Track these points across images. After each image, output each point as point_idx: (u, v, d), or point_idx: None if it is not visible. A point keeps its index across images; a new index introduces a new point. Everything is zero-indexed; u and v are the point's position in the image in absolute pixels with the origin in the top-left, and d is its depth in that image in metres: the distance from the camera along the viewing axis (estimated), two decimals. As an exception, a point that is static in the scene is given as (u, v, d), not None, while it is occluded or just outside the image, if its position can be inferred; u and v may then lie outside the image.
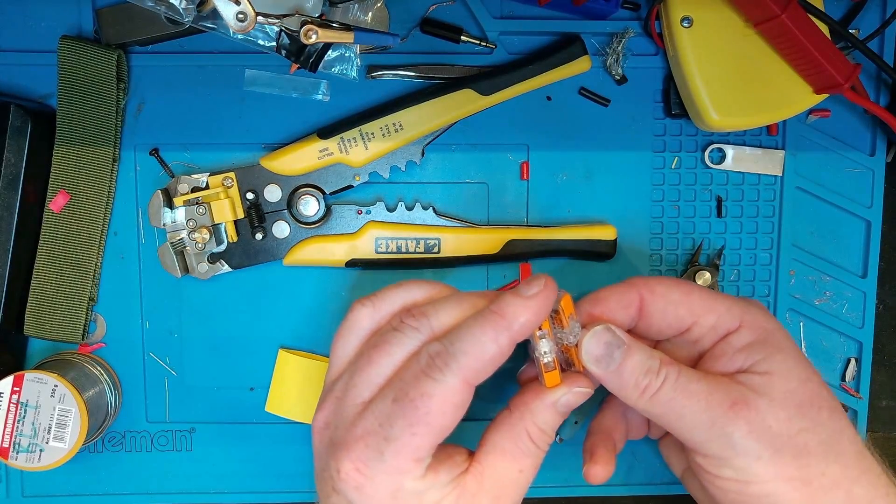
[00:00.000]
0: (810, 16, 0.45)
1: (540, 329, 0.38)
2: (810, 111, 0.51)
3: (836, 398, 0.39)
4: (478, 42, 0.50)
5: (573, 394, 0.38)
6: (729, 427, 0.36)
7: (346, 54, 0.47)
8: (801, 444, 0.37)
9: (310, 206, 0.50)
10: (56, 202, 0.49)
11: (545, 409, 0.38)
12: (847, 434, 0.38)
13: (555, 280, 0.37)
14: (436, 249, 0.50)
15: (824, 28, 0.46)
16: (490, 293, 0.39)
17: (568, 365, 0.39)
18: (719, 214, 0.52)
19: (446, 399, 0.35)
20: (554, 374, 0.38)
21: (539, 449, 0.38)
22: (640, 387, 0.37)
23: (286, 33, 0.43)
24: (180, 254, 0.49)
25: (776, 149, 0.52)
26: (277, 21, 0.41)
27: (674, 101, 0.51)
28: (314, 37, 0.42)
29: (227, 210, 0.49)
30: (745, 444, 0.36)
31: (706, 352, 0.41)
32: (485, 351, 0.35)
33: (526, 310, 0.36)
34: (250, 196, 0.49)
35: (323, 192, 0.50)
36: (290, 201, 0.50)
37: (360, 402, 0.36)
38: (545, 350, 0.38)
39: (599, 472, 0.43)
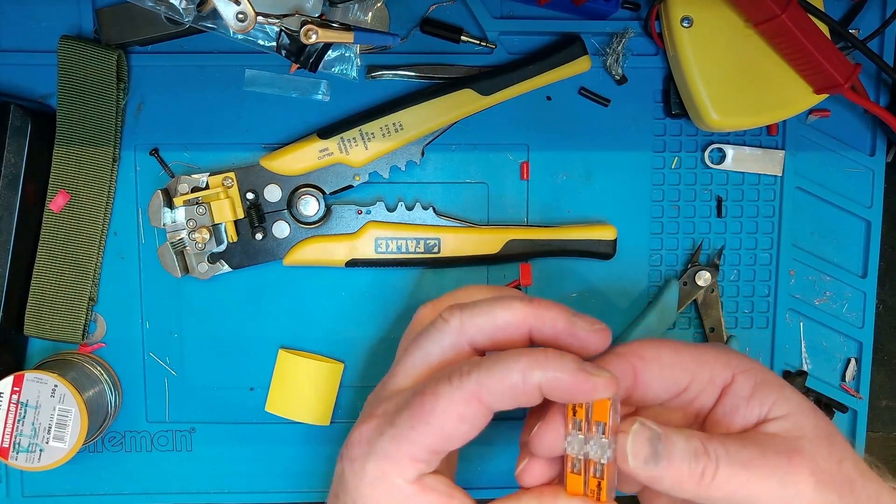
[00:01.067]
0: (810, 16, 0.45)
1: (575, 415, 0.34)
2: (810, 111, 0.51)
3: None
4: (478, 42, 0.50)
5: None
6: (800, 485, 0.33)
7: (346, 54, 0.47)
8: (846, 476, 0.35)
9: (310, 206, 0.50)
10: (56, 202, 0.49)
11: None
12: (853, 459, 0.36)
13: (617, 379, 0.34)
14: (436, 249, 0.50)
15: (824, 28, 0.46)
16: (547, 303, 0.36)
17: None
18: (719, 214, 0.52)
19: (453, 405, 0.33)
20: (578, 479, 0.34)
21: None
22: (695, 474, 0.33)
23: (286, 33, 0.43)
24: (180, 254, 0.49)
25: (776, 149, 0.52)
26: (277, 21, 0.41)
27: (674, 101, 0.51)
28: (314, 37, 0.42)
29: (227, 210, 0.49)
30: (818, 493, 0.34)
31: (710, 411, 0.38)
32: (508, 380, 0.33)
33: (561, 368, 0.33)
34: (250, 196, 0.49)
35: (323, 192, 0.50)
36: (290, 201, 0.50)
37: (388, 395, 0.36)
38: (577, 448, 0.34)
39: None
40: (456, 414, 0.33)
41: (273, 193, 0.49)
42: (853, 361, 0.54)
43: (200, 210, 0.49)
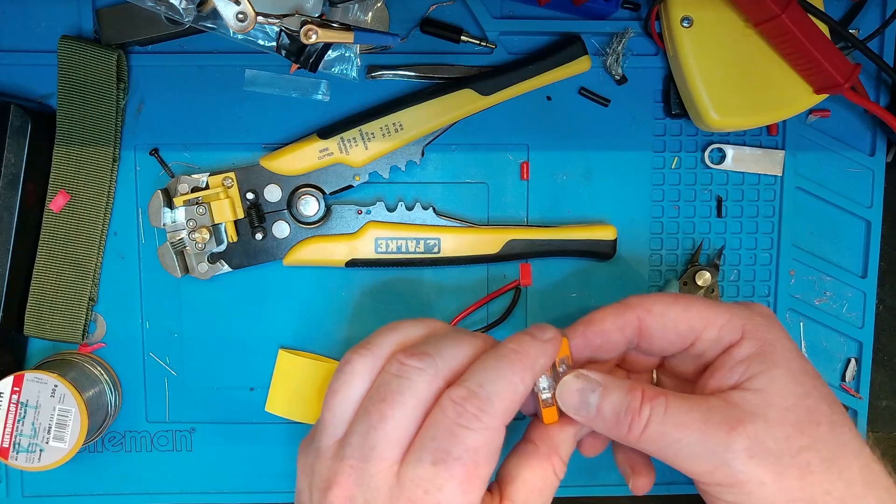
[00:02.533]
0: (810, 16, 0.45)
1: None
2: (810, 111, 0.51)
3: (839, 411, 0.37)
4: (478, 42, 0.50)
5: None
6: (728, 454, 0.35)
7: (346, 54, 0.47)
8: (803, 463, 0.35)
9: (310, 206, 0.50)
10: (56, 202, 0.49)
11: (570, 442, 0.38)
12: (852, 447, 0.36)
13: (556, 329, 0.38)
14: (436, 249, 0.50)
15: (824, 28, 0.46)
16: (479, 333, 0.38)
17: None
18: (719, 214, 0.52)
19: (491, 447, 0.33)
20: (552, 410, 0.38)
21: (559, 480, 0.38)
22: (623, 426, 0.36)
23: (286, 33, 0.43)
24: (180, 254, 0.49)
25: (776, 149, 0.52)
26: (277, 21, 0.41)
27: (674, 101, 0.51)
28: (314, 37, 0.42)
29: (227, 210, 0.49)
30: (747, 468, 0.35)
31: (709, 362, 0.39)
32: (516, 391, 0.34)
33: (544, 353, 0.36)
34: (250, 196, 0.49)
35: (323, 192, 0.50)
36: (290, 201, 0.50)
37: (386, 467, 0.33)
38: (544, 387, 0.37)
39: (646, 483, 0.42)
40: (496, 452, 0.34)
41: (273, 193, 0.49)
42: (853, 361, 0.54)
43: (200, 210, 0.49)
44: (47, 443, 0.47)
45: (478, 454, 0.33)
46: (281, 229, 0.50)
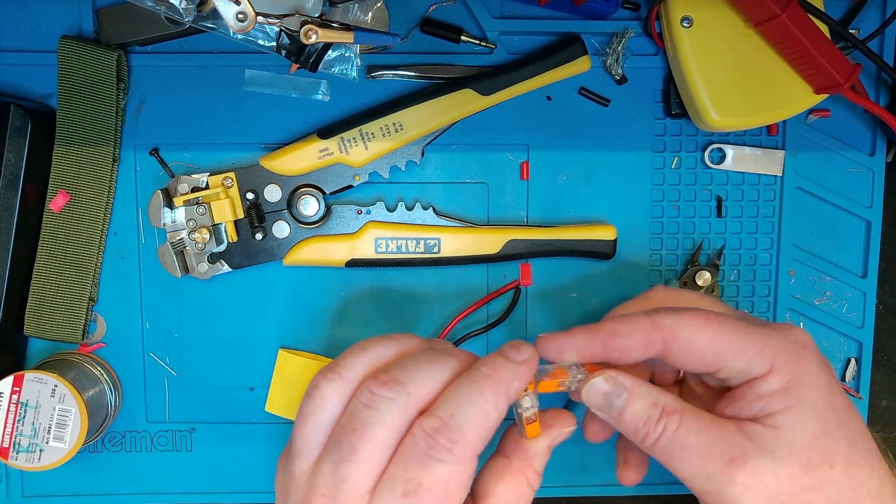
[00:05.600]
0: (810, 16, 0.45)
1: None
2: (810, 111, 0.51)
3: (863, 450, 0.36)
4: (478, 42, 0.50)
5: (564, 434, 0.38)
6: (724, 485, 0.35)
7: (346, 54, 0.47)
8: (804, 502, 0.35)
9: (310, 206, 0.50)
10: (56, 202, 0.49)
11: (543, 455, 0.37)
12: (868, 487, 0.35)
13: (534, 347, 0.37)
14: (436, 249, 0.50)
15: (824, 28, 0.46)
16: (455, 349, 0.37)
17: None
18: (719, 214, 0.52)
19: (462, 477, 0.33)
20: (535, 425, 0.37)
21: (535, 491, 0.37)
22: (639, 434, 0.37)
23: (286, 33, 0.43)
24: (180, 254, 0.49)
25: (776, 149, 0.52)
26: (277, 21, 0.41)
27: (674, 101, 0.51)
28: (314, 37, 0.42)
29: (227, 210, 0.49)
30: (741, 502, 0.35)
31: (733, 388, 0.38)
32: (489, 419, 0.33)
33: (519, 376, 0.35)
34: (250, 196, 0.49)
35: (323, 192, 0.50)
36: (290, 201, 0.50)
37: (357, 497, 0.33)
38: (528, 405, 0.37)
39: (633, 476, 0.43)
40: (467, 483, 0.34)
41: (273, 193, 0.49)
42: (853, 361, 0.54)
43: (200, 210, 0.49)
44: (47, 443, 0.47)
45: (449, 485, 0.33)
46: (281, 229, 0.50)
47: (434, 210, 0.51)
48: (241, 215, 0.49)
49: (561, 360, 0.38)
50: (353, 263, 0.50)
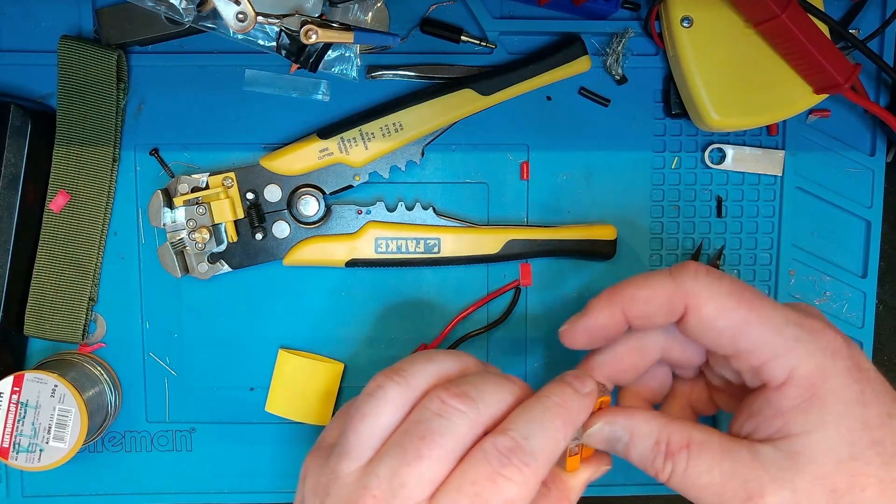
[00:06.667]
0: (810, 16, 0.45)
1: None
2: (810, 111, 0.51)
3: None
4: (478, 42, 0.50)
5: (600, 472, 0.38)
6: None
7: (346, 54, 0.47)
8: None
9: (310, 206, 0.50)
10: (56, 202, 0.49)
11: (581, 489, 0.38)
12: None
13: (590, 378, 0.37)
14: (436, 249, 0.50)
15: (824, 28, 0.46)
16: (512, 377, 0.36)
17: None
18: (719, 214, 0.52)
19: (526, 500, 0.32)
20: (576, 458, 0.37)
21: None
22: (651, 472, 0.36)
23: (286, 33, 0.43)
24: (180, 254, 0.49)
25: (776, 149, 0.52)
26: (277, 21, 0.41)
27: (674, 101, 0.51)
28: (314, 37, 0.42)
29: (227, 210, 0.49)
30: None
31: (744, 387, 0.37)
32: (558, 447, 0.34)
33: (585, 409, 0.35)
34: (250, 196, 0.49)
35: (323, 192, 0.50)
36: (290, 201, 0.50)
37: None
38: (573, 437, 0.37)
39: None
40: (528, 501, 0.33)
41: (273, 193, 0.49)
42: (853, 361, 0.54)
43: (200, 210, 0.49)
44: (47, 443, 0.47)
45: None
46: (281, 229, 0.50)
47: (434, 210, 0.51)
48: (241, 215, 0.49)
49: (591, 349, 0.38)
50: (353, 263, 0.50)
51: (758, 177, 0.52)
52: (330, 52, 0.46)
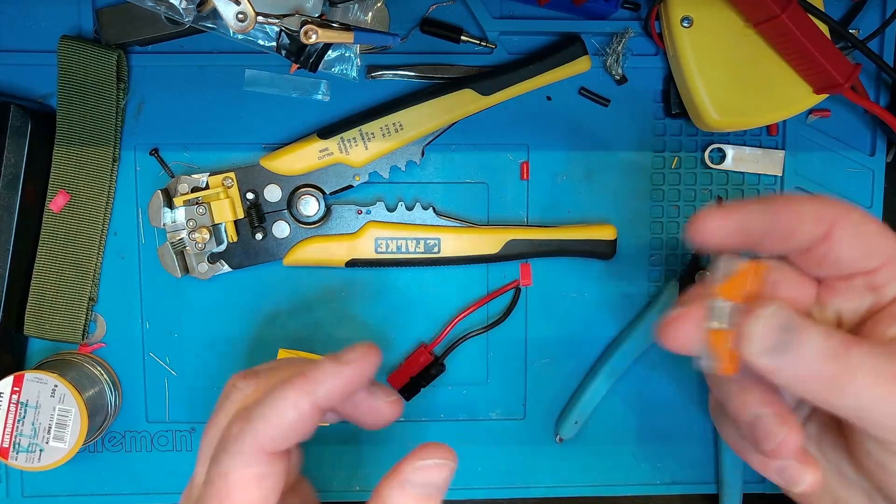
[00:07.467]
0: (810, 16, 0.45)
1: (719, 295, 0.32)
2: (810, 111, 0.51)
3: None
4: (478, 42, 0.50)
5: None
6: None
7: (346, 54, 0.47)
8: None
9: (310, 206, 0.50)
10: (56, 202, 0.49)
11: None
12: None
13: (378, 349, 0.34)
14: (436, 249, 0.50)
15: (824, 28, 0.46)
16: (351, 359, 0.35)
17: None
18: (719, 214, 0.52)
19: (244, 473, 0.31)
20: (735, 356, 0.31)
21: None
22: (826, 377, 0.30)
23: (286, 33, 0.43)
24: (180, 254, 0.49)
25: (776, 149, 0.52)
26: (277, 21, 0.41)
27: (674, 101, 0.51)
28: (314, 37, 0.42)
29: (227, 210, 0.49)
30: None
31: (882, 307, 0.33)
32: (282, 416, 0.32)
33: (336, 376, 0.33)
34: (250, 196, 0.49)
35: (323, 192, 0.50)
36: (290, 201, 0.50)
37: (199, 482, 0.34)
38: (716, 322, 0.31)
39: (811, 477, 0.34)
40: (252, 479, 0.32)
41: (273, 193, 0.49)
42: (853, 361, 0.54)
43: (200, 210, 0.49)
44: (47, 443, 0.47)
45: (228, 479, 0.31)
46: (281, 229, 0.50)
47: (434, 210, 0.51)
48: (241, 215, 0.49)
49: (725, 247, 0.33)
50: (353, 263, 0.50)
51: (758, 177, 0.52)
52: (330, 52, 0.46)
